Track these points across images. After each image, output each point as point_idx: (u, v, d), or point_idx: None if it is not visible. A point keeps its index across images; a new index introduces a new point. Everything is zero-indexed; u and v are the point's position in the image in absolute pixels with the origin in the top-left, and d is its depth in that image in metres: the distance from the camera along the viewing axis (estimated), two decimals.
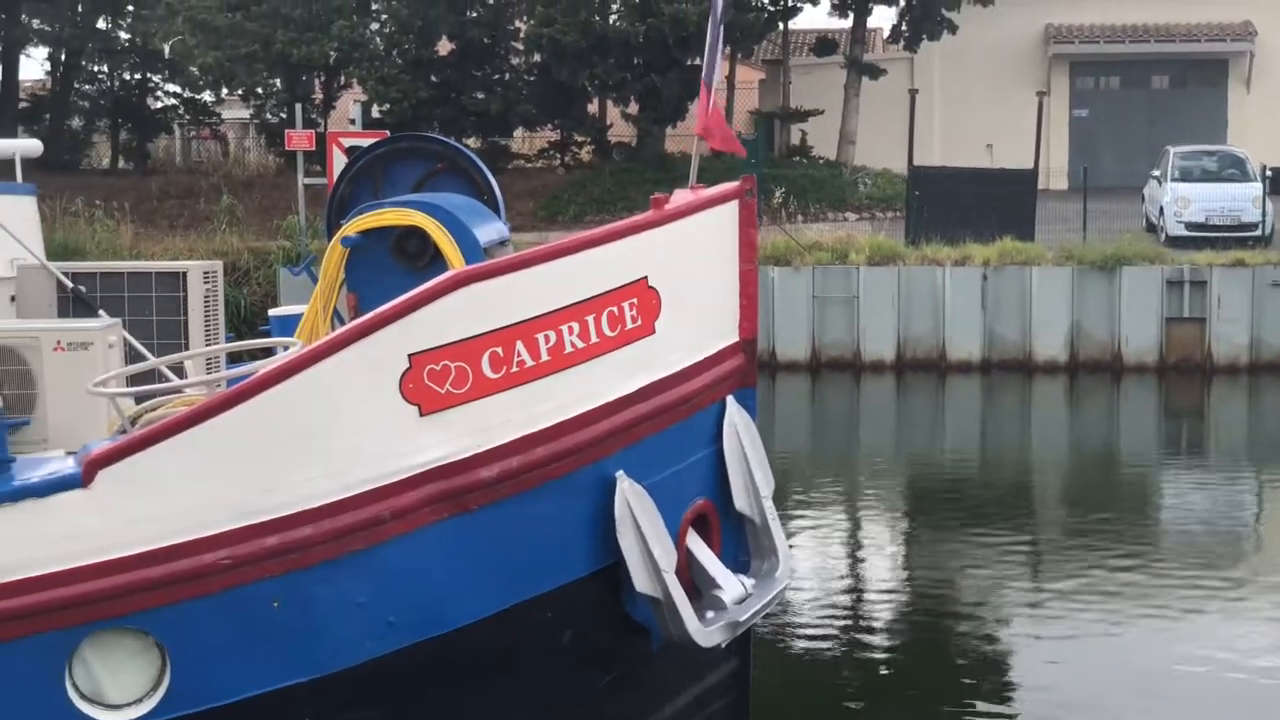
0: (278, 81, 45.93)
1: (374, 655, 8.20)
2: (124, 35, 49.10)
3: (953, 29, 47.40)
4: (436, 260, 9.92)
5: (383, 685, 8.27)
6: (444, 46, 45.11)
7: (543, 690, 8.89)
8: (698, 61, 41.79)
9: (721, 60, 10.39)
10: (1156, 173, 39.74)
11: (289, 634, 8.11)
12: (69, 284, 10.69)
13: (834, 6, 48.73)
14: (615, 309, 8.61)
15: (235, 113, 55.79)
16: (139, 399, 9.09)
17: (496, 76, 45.64)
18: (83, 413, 9.43)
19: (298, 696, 8.16)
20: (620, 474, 8.60)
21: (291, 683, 8.12)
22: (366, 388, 8.02)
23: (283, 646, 8.11)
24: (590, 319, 8.53)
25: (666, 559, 8.63)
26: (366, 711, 8.32)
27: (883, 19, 55.89)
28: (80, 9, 48.70)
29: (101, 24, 49.33)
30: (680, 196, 9.23)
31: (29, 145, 12.34)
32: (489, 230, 10.47)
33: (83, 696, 7.98)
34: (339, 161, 28.94)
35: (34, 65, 52.30)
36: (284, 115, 44.68)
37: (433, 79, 43.95)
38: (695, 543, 9.07)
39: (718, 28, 10.20)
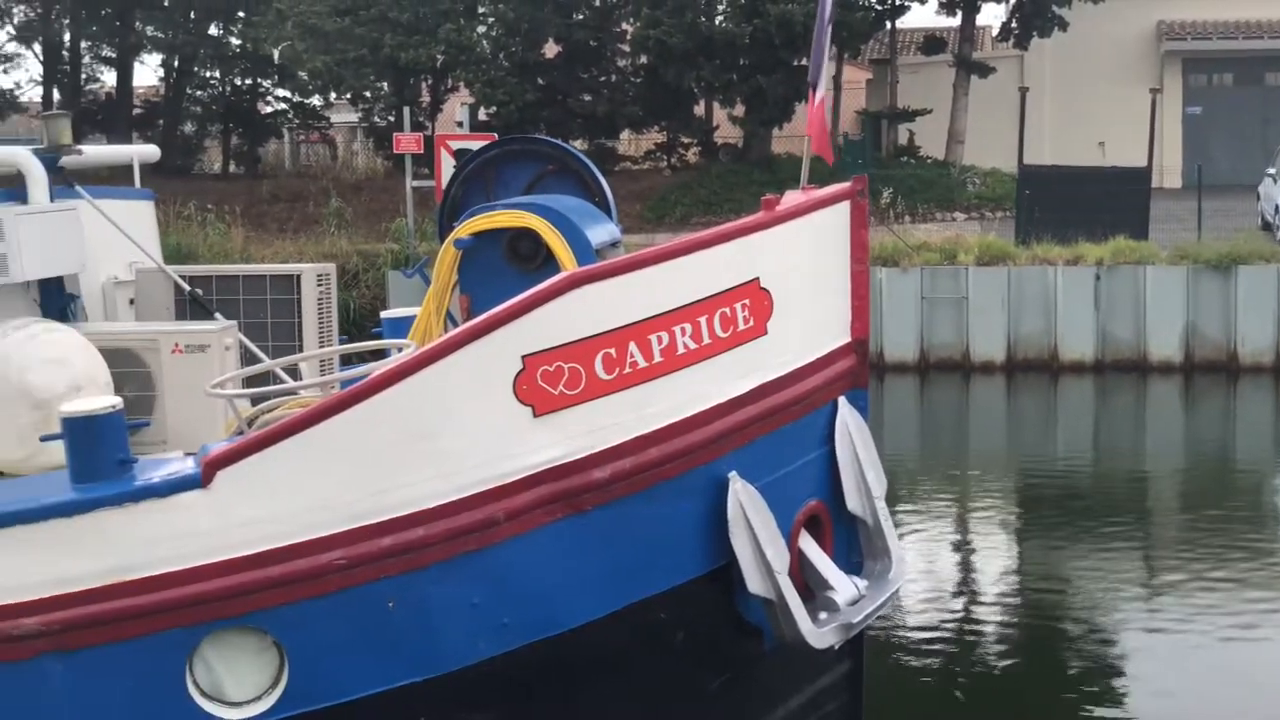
0: (385, 85, 46.22)
1: (488, 656, 8.25)
2: (235, 41, 49.60)
3: (1063, 26, 46.93)
4: (549, 262, 9.95)
5: (497, 686, 8.31)
6: (550, 49, 45.21)
7: (655, 691, 8.91)
8: (804, 62, 41.70)
9: (822, 58, 10.34)
10: (1272, 170, 39.14)
11: (404, 634, 8.18)
12: (186, 287, 10.82)
13: (942, 4, 48.36)
14: (727, 310, 8.61)
15: (344, 116, 56.17)
16: (255, 400, 9.19)
17: (603, 79, 45.72)
18: (200, 414, 9.55)
19: (412, 696, 8.23)
20: (733, 475, 8.60)
21: (406, 683, 8.20)
22: (480, 389, 8.07)
23: (397, 646, 8.19)
24: (703, 320, 8.53)
25: (779, 560, 8.63)
26: (481, 713, 8.38)
27: (991, 16, 55.83)
28: (193, 16, 49.23)
29: (213, 30, 49.87)
30: (792, 197, 9.22)
31: (147, 151, 12.51)
32: (601, 231, 10.50)
33: (203, 694, 8.09)
34: (447, 164, 29.08)
35: (147, 72, 53.25)
36: (392, 119, 44.94)
37: (539, 81, 44.04)
38: (808, 544, 9.06)
39: (824, 29, 10.17)
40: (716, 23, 42.67)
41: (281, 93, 53.28)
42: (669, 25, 40.92)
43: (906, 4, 48.49)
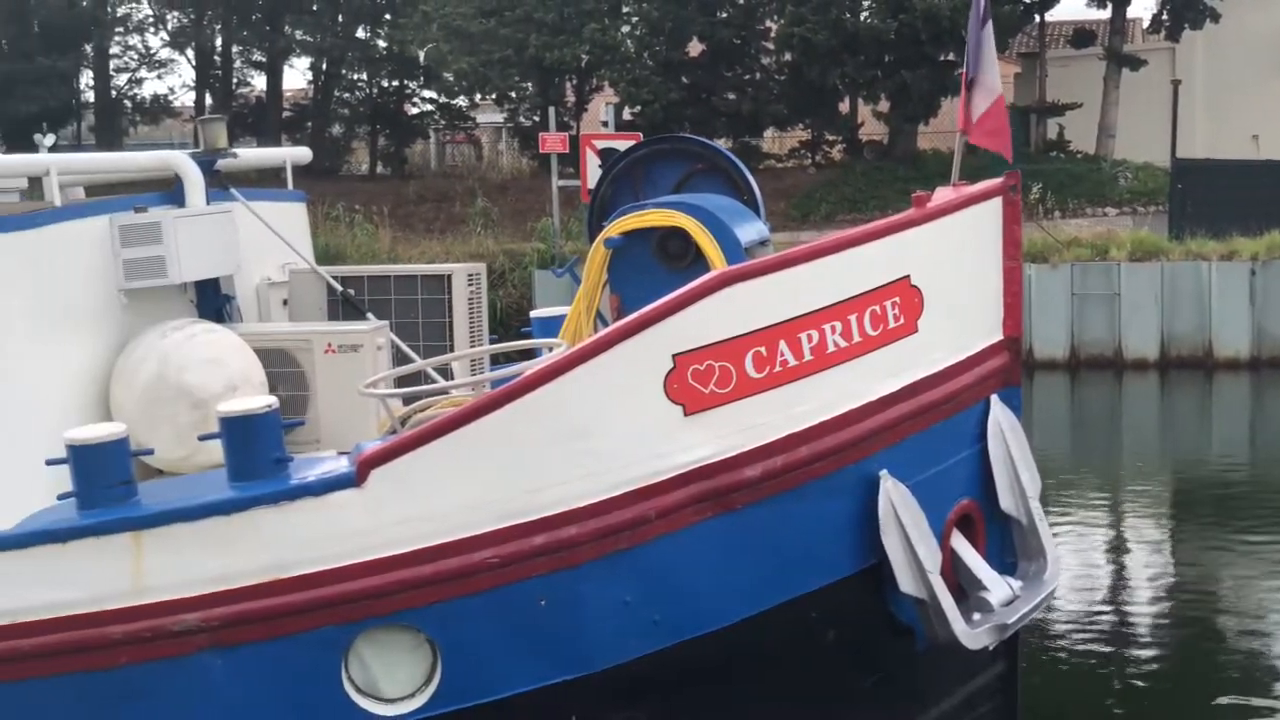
0: (530, 85, 46.45)
1: (639, 655, 8.26)
2: (381, 44, 50.08)
3: (1215, 17, 46.18)
4: (698, 260, 9.95)
5: (647, 685, 8.32)
6: (694, 48, 45.23)
7: (806, 691, 8.88)
8: (951, 57, 41.41)
9: (992, 54, 10.21)
10: None
11: (555, 632, 8.22)
12: (338, 288, 10.93)
13: None
14: (878, 308, 8.57)
15: (489, 117, 56.50)
16: (407, 400, 9.27)
17: (747, 77, 45.65)
18: (352, 413, 9.65)
19: (564, 695, 8.26)
20: (884, 473, 8.56)
21: (557, 680, 8.24)
22: (631, 388, 8.10)
23: (549, 645, 8.23)
24: (853, 318, 8.50)
25: (931, 559, 8.58)
26: (631, 711, 8.40)
27: (1142, 8, 54.99)
28: (341, 19, 49.78)
29: (361, 33, 50.40)
30: (942, 194, 9.15)
31: (299, 153, 12.65)
32: (750, 230, 10.48)
33: (358, 690, 8.19)
34: (592, 164, 29.13)
35: (296, 75, 53.81)
36: (537, 118, 45.16)
37: (683, 80, 44.07)
38: (960, 543, 9.00)
39: (979, 21, 10.07)
40: (861, 19, 42.44)
41: (427, 94, 53.71)
42: (813, 22, 40.79)
43: None
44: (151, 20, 53.05)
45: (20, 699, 8.24)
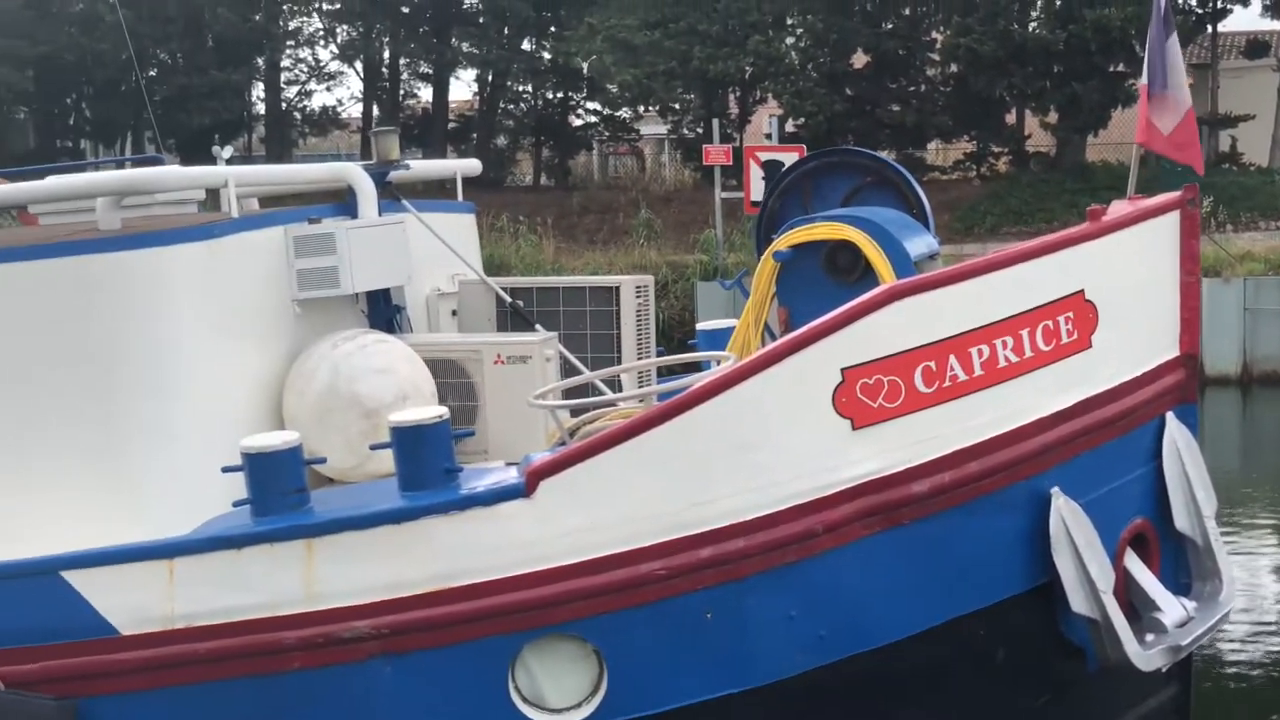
0: (694, 97, 46.51)
1: (804, 669, 8.22)
2: (546, 56, 50.45)
3: None
4: (867, 274, 9.89)
5: (813, 700, 8.27)
6: (859, 59, 45.05)
7: (974, 710, 8.80)
8: (1121, 68, 40.87)
9: (1180, 66, 10.07)
10: None
11: (721, 645, 8.20)
12: (507, 299, 10.99)
13: (1266, 7, 46.84)
14: (1050, 323, 8.48)
15: (652, 129, 56.66)
16: (575, 412, 9.30)
17: (912, 88, 45.39)
18: (520, 424, 9.69)
19: (729, 708, 8.24)
20: (1055, 490, 8.46)
21: (722, 694, 8.22)
22: (800, 401, 8.08)
23: (715, 657, 8.21)
24: (1024, 333, 8.42)
25: (1104, 579, 8.46)
26: None
27: None
28: (506, 32, 50.18)
29: (526, 45, 50.79)
30: (1118, 207, 9.02)
31: (469, 165, 12.74)
32: (919, 243, 10.40)
33: (524, 700, 8.23)
34: (755, 176, 29.10)
35: (462, 87, 54.26)
36: (700, 130, 45.22)
37: (847, 92, 43.91)
38: (1133, 563, 8.86)
39: (1162, 32, 9.93)
40: (1030, 29, 42.02)
41: (591, 105, 54.01)
42: (980, 33, 40.45)
43: (1228, 7, 47.08)
44: (321, 34, 53.93)
45: (196, 702, 8.36)
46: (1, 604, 8.45)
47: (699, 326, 10.82)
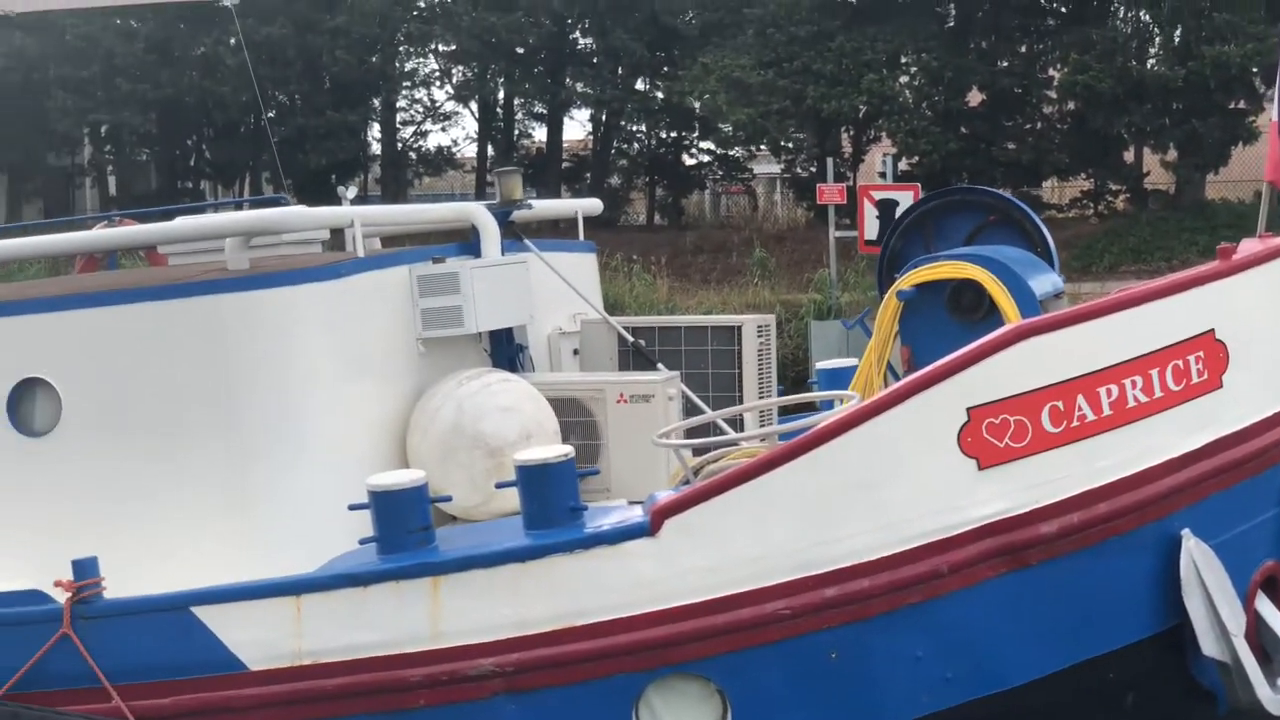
0: (807, 136, 46.37)
1: (930, 711, 8.18)
2: (660, 95, 50.51)
3: None
4: (992, 313, 9.85)
5: None
6: (974, 97, 44.77)
7: None
8: (1242, 105, 40.34)
9: None
10: None
11: (846, 686, 8.17)
12: (629, 338, 11.01)
13: None
14: (1180, 362, 8.39)
15: (765, 167, 56.57)
16: (698, 451, 9.30)
17: (1028, 126, 44.97)
18: (643, 463, 9.70)
19: None
20: (1186, 532, 8.37)
21: None
22: (925, 441, 8.05)
23: (839, 698, 8.18)
24: (1154, 373, 8.34)
25: (1235, 622, 8.35)
26: None
27: None
28: (620, 72, 50.31)
29: (640, 85, 50.88)
30: (1248, 246, 8.92)
31: (590, 204, 12.79)
32: (1044, 282, 10.35)
33: None
34: (870, 215, 28.97)
35: (576, 126, 54.36)
36: (813, 169, 45.07)
37: (962, 130, 43.60)
38: (1265, 605, 8.72)
39: None
40: (1148, 66, 41.54)
41: (705, 145, 53.92)
42: (1098, 70, 40.04)
43: None
44: (437, 75, 54.24)
45: None
46: (133, 639, 8.50)
47: (818, 365, 10.79)
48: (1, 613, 8.67)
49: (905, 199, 27.64)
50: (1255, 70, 37.98)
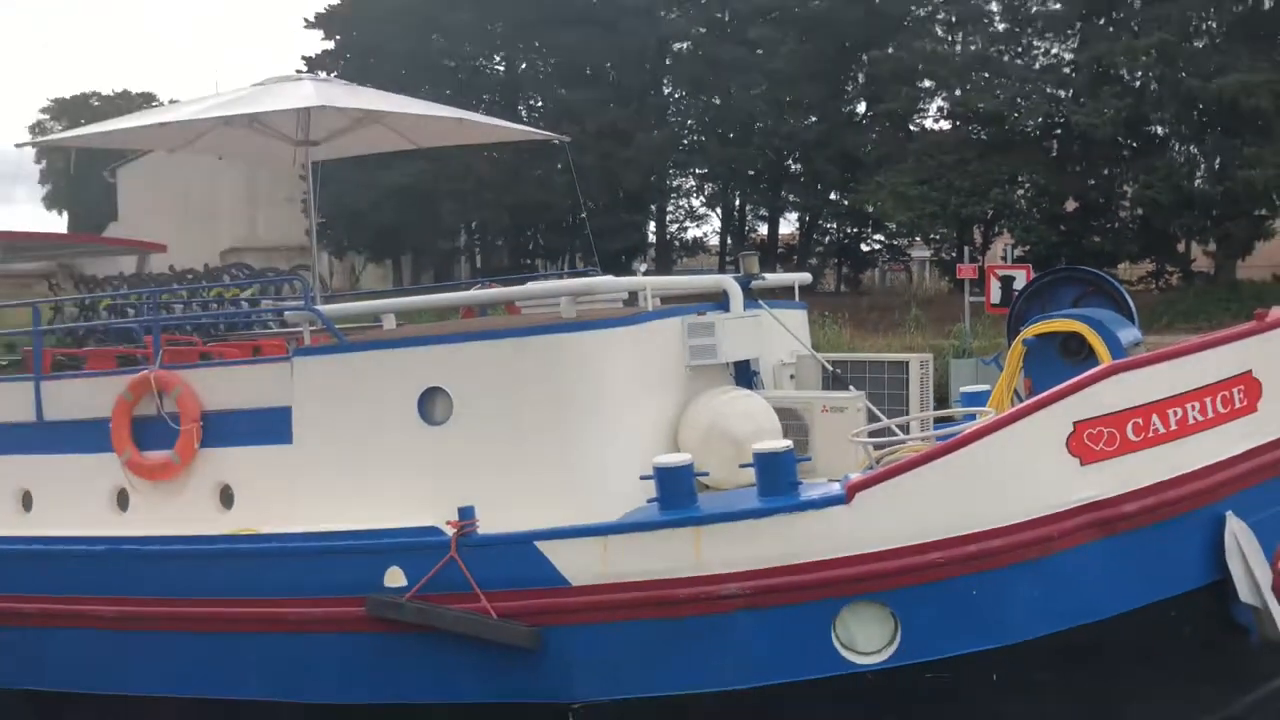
0: (949, 231, 45.75)
1: (1044, 633, 7.99)
2: (845, 203, 50.15)
3: None
4: (1091, 356, 9.64)
5: (1052, 655, 8.02)
6: (1069, 205, 43.71)
7: (1165, 667, 8.40)
8: (1264, 212, 38.97)
9: None
10: None
11: (983, 614, 8.01)
12: (829, 367, 10.94)
13: None
14: (1227, 393, 8.14)
15: (919, 253, 55.87)
16: (878, 446, 9.21)
17: (1108, 226, 43.76)
18: (840, 454, 9.62)
19: (987, 659, 8.04)
20: (1229, 513, 8.09)
21: (983, 648, 8.02)
22: (1042, 444, 7.90)
23: (979, 622, 8.02)
24: (1208, 400, 8.10)
25: (1265, 577, 8.06)
26: (1038, 674, 8.08)
27: None
28: (819, 187, 50.14)
29: (832, 196, 50.58)
30: (1276, 311, 8.60)
31: (803, 277, 12.72)
32: (1128, 334, 10.11)
33: (842, 645, 8.16)
34: (994, 286, 28.49)
35: (788, 223, 54.27)
36: (954, 254, 44.42)
37: (1060, 228, 42.64)
38: None
39: None
40: (1195, 185, 40.16)
41: (877, 237, 53.50)
42: (1159, 187, 38.92)
43: None
44: (694, 189, 54.63)
45: (619, 633, 8.46)
46: (495, 561, 8.63)
47: (962, 390, 10.55)
48: (412, 541, 8.86)
49: (1020, 276, 27.11)
50: (1275, 190, 36.94)
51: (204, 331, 12.17)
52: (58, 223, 78.16)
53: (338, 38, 53.12)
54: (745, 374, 10.46)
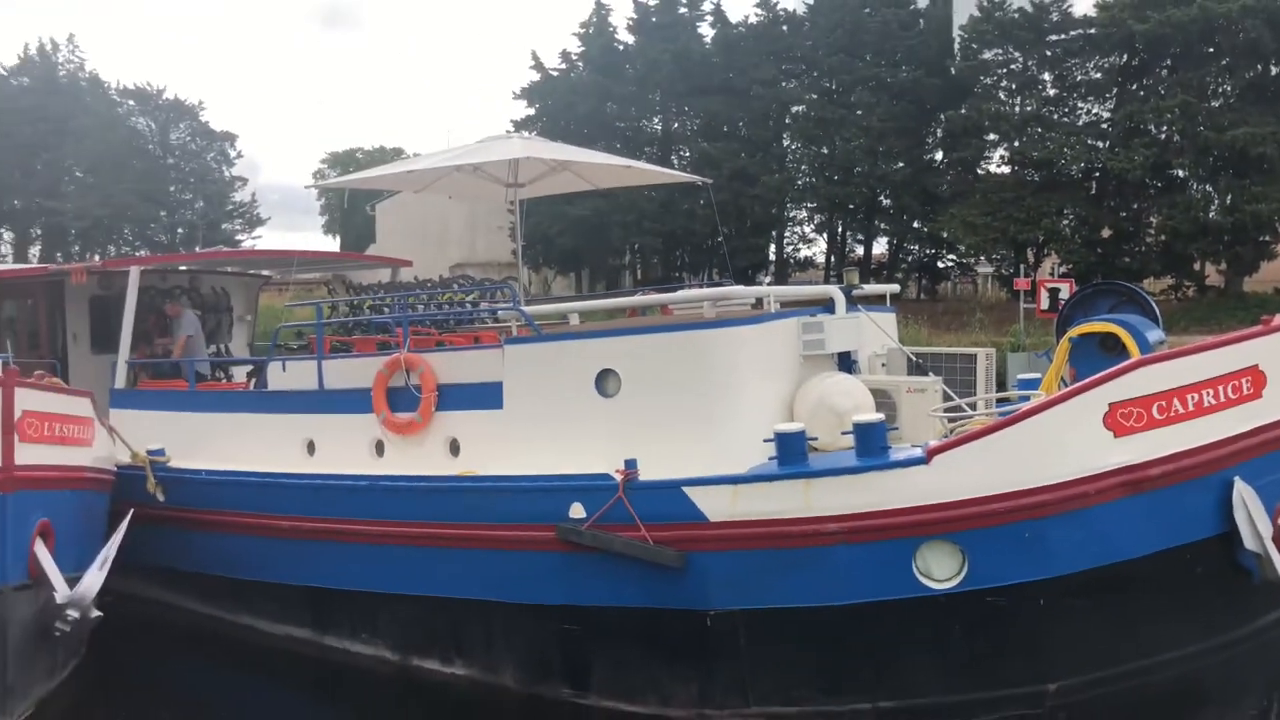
0: (1007, 252, 44.32)
1: (1084, 568, 7.75)
2: (925, 229, 48.86)
3: None
4: (1123, 351, 9.25)
5: (1090, 585, 7.78)
6: (1105, 232, 41.97)
7: (1183, 599, 8.05)
8: (1267, 238, 36.96)
9: None
10: None
11: (1034, 552, 7.78)
12: (913, 358, 10.70)
13: None
14: (1236, 382, 7.75)
15: (983, 269, 54.20)
16: (951, 420, 8.99)
17: (1138, 249, 41.84)
18: (922, 426, 9.42)
19: (1035, 587, 7.83)
20: (1236, 478, 7.72)
21: (1033, 579, 7.82)
22: (1083, 420, 7.65)
23: (1030, 557, 7.80)
24: (1220, 388, 7.74)
25: (1266, 529, 7.67)
26: (1079, 600, 7.82)
27: None
28: (904, 217, 48.91)
29: (915, 224, 49.36)
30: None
31: (892, 288, 12.39)
32: (1154, 334, 9.68)
33: (920, 573, 8.02)
34: (1044, 296, 27.52)
35: (880, 245, 53.15)
36: (1011, 270, 43.05)
37: (1098, 250, 40.97)
38: None
39: None
40: (1210, 216, 38.23)
41: (950, 257, 52.09)
42: (1180, 219, 37.27)
43: None
44: (805, 218, 53.81)
45: (742, 558, 8.37)
46: (653, 501, 8.62)
47: (1018, 377, 10.23)
48: (590, 484, 8.92)
49: (1064, 288, 26.15)
50: (1278, 219, 35.01)
51: (438, 325, 12.42)
52: (332, 244, 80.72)
53: (537, 105, 53.80)
54: (846, 362, 10.31)
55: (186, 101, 63.53)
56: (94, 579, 9.33)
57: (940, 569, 7.94)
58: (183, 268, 15.38)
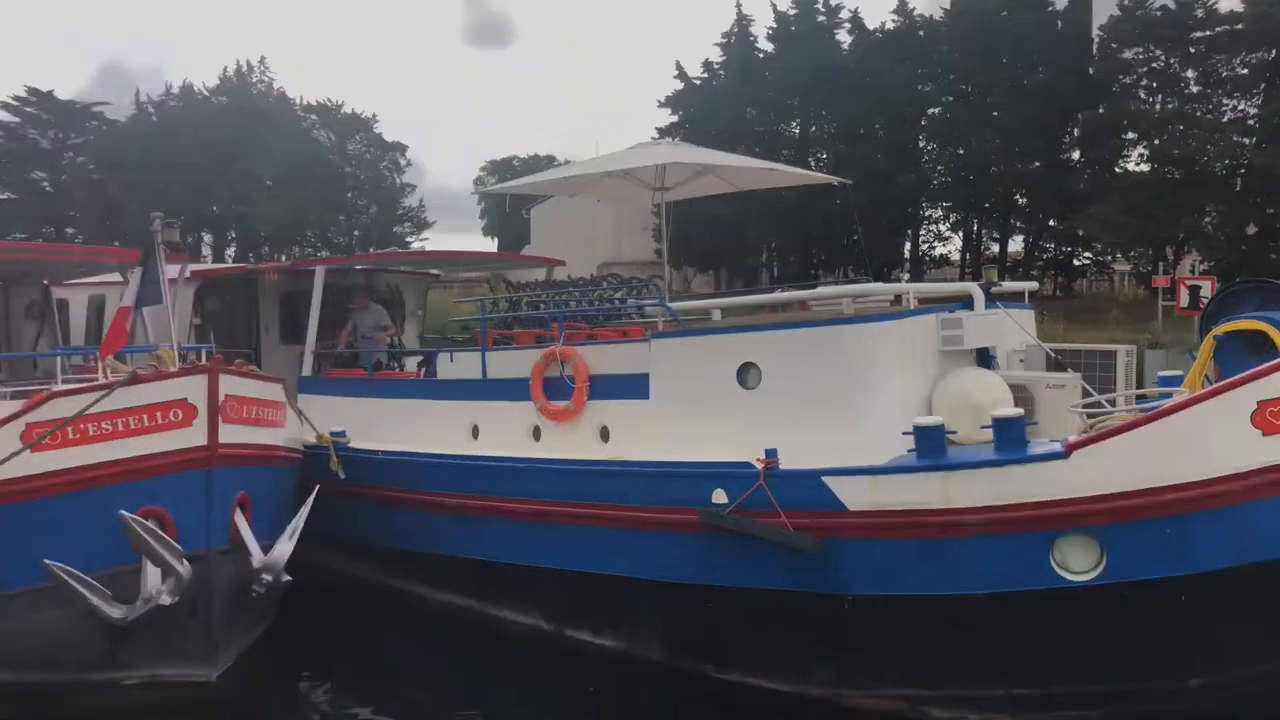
0: (1145, 249, 42.10)
1: (1224, 566, 7.34)
2: (1061, 228, 46.74)
3: None
4: (1272, 349, 8.68)
5: (1230, 585, 7.36)
6: (1251, 229, 39.42)
7: None
8: None
9: None
10: None
11: (1174, 548, 7.41)
12: (1051, 354, 10.29)
13: None
14: None
15: (1120, 267, 51.49)
16: (1090, 416, 8.62)
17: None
18: (1061, 421, 9.07)
19: (1178, 583, 7.45)
20: None
21: (1172, 575, 7.44)
22: (1229, 417, 7.24)
23: (1170, 553, 7.44)
24: None
25: None
26: (1221, 601, 7.39)
27: None
28: (1040, 215, 47.10)
29: (1051, 222, 47.37)
30: None
31: (1031, 285, 11.92)
32: None
33: (1058, 565, 7.75)
34: (1184, 294, 26.07)
35: (1015, 243, 51.22)
36: (1149, 268, 40.89)
37: (1241, 247, 38.53)
38: None
39: None
40: None
41: (1086, 254, 49.76)
42: None
43: None
44: (941, 217, 52.26)
45: (878, 547, 8.19)
46: (795, 488, 8.53)
47: (1160, 374, 9.73)
48: (733, 471, 8.89)
49: (1205, 286, 24.74)
50: None
51: (590, 320, 12.60)
52: (491, 245, 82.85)
53: (680, 112, 53.91)
54: (985, 358, 10.01)
55: (362, 115, 66.23)
56: (285, 547, 9.83)
57: (1078, 561, 7.65)
58: (360, 267, 16.03)
